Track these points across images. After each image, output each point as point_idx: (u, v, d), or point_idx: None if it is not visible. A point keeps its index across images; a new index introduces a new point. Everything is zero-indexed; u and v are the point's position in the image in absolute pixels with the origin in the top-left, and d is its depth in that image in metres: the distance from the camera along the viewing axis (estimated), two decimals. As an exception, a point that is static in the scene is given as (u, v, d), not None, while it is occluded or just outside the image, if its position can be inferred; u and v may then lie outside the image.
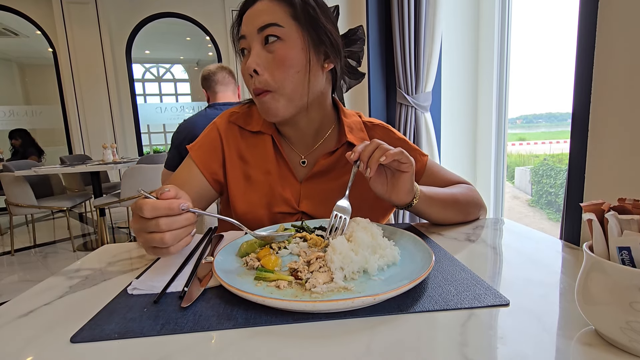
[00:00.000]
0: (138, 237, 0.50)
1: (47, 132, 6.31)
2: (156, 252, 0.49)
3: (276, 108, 0.68)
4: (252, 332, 0.37)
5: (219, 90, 1.81)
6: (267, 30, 0.65)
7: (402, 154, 0.58)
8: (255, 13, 0.66)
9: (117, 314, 0.42)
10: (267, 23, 0.65)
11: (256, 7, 0.67)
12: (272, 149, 0.77)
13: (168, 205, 0.46)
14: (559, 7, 1.75)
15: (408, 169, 0.61)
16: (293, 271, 0.48)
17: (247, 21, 0.67)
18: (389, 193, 0.64)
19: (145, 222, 0.47)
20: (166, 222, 0.46)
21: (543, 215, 2.38)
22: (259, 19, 0.65)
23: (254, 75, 0.66)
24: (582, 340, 0.34)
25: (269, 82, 0.66)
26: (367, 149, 0.59)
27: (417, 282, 0.42)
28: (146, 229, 0.47)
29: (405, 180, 0.62)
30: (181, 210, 0.47)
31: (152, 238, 0.47)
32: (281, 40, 0.65)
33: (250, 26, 0.66)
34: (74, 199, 3.45)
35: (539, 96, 2.06)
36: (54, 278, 0.54)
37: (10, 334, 0.39)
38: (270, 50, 0.66)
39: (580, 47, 0.68)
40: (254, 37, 0.66)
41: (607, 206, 0.33)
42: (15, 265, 3.12)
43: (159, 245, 0.47)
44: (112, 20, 5.00)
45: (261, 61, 0.65)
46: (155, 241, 0.47)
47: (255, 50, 0.66)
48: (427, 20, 1.83)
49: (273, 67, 0.66)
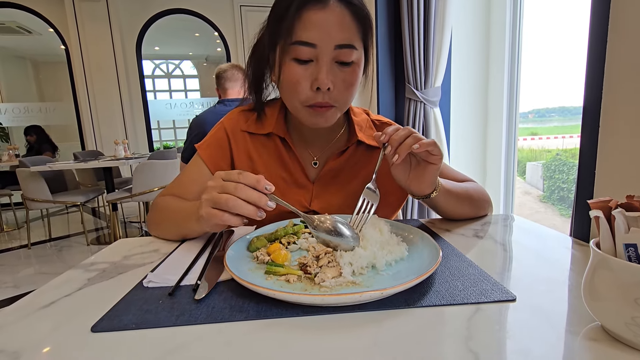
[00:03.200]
0: (206, 191, 0.52)
1: (61, 128, 6.44)
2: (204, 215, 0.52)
3: (331, 121, 0.69)
4: (263, 324, 0.38)
5: (228, 87, 1.88)
6: (344, 52, 0.62)
7: (434, 145, 0.58)
8: (331, 22, 0.60)
9: (134, 305, 0.43)
10: (347, 43, 0.61)
11: (331, 11, 0.60)
12: (283, 150, 0.77)
13: (255, 177, 0.50)
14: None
15: (437, 161, 0.60)
16: (302, 266, 0.49)
17: (319, 28, 0.60)
18: (409, 181, 0.64)
19: (223, 182, 0.50)
20: (240, 187, 0.49)
21: (555, 212, 2.35)
22: (336, 34, 0.60)
23: (323, 91, 0.63)
24: (588, 336, 0.34)
25: (338, 99, 0.65)
26: (398, 134, 0.58)
27: (424, 277, 0.43)
28: (220, 187, 0.50)
29: (431, 171, 0.62)
30: (265, 189, 0.50)
31: (218, 198, 0.50)
32: (354, 64, 0.64)
33: (327, 38, 0.60)
34: (87, 194, 3.53)
35: (552, 89, 2.03)
36: (72, 271, 0.56)
37: (34, 324, 0.41)
38: (342, 69, 0.64)
39: (591, 41, 0.67)
40: (327, 52, 0.61)
41: (615, 203, 0.33)
42: (32, 258, 3.21)
43: (218, 204, 0.50)
44: (122, 17, 5.05)
45: (334, 79, 0.63)
46: (217, 201, 0.50)
47: (328, 66, 0.62)
48: (437, 13, 1.81)
49: (342, 87, 0.64)
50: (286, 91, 0.67)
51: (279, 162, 0.77)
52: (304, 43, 0.60)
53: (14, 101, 6.29)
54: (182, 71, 8.38)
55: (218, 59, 7.44)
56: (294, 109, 0.69)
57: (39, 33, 5.74)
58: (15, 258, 3.23)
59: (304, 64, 0.62)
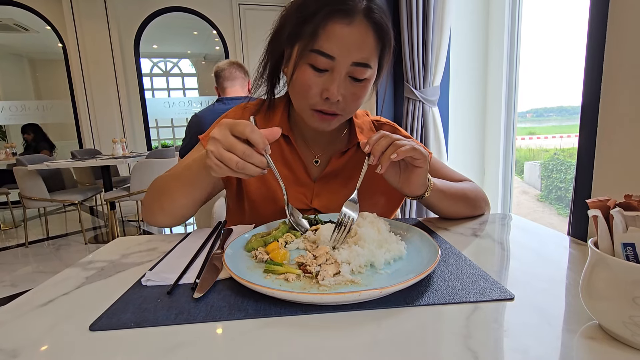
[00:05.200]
0: (211, 143, 0.52)
1: (58, 126, 6.40)
2: (213, 165, 0.53)
3: (334, 126, 0.70)
4: (263, 323, 0.38)
5: (227, 86, 1.88)
6: (359, 70, 0.63)
7: (414, 151, 0.59)
8: (353, 40, 0.61)
9: (133, 303, 0.43)
10: (364, 62, 0.62)
11: (356, 28, 0.61)
12: (286, 147, 0.78)
13: (262, 139, 0.51)
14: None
15: (422, 164, 0.61)
16: (301, 265, 0.49)
17: (341, 43, 0.60)
18: (401, 184, 0.66)
19: (231, 139, 0.51)
20: (248, 152, 0.51)
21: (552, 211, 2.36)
22: (355, 52, 0.61)
23: (332, 101, 0.64)
24: (585, 335, 0.35)
25: (344, 109, 0.67)
26: (380, 143, 0.59)
27: (423, 275, 0.43)
28: (227, 144, 0.51)
29: (418, 174, 0.63)
30: (264, 152, 0.52)
31: (223, 154, 0.51)
32: (366, 80, 0.65)
33: (346, 54, 0.61)
34: (85, 192, 3.52)
35: (550, 89, 2.03)
36: (70, 269, 0.56)
37: (32, 322, 0.41)
38: (353, 84, 0.65)
39: (590, 40, 0.67)
40: (343, 67, 0.62)
41: (613, 202, 0.33)
42: (30, 257, 3.20)
43: (225, 162, 0.51)
44: (120, 15, 5.02)
45: (343, 92, 0.65)
46: (224, 158, 0.51)
47: (341, 80, 0.63)
48: (436, 12, 1.81)
49: (351, 99, 0.66)
50: (296, 92, 0.67)
51: (281, 160, 0.78)
52: (323, 54, 0.61)
53: (11, 99, 6.25)
54: (181, 69, 8.35)
55: (216, 58, 7.41)
56: (300, 110, 0.70)
57: (36, 31, 5.70)
58: (13, 257, 3.21)
59: (319, 72, 0.63)
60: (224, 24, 5.22)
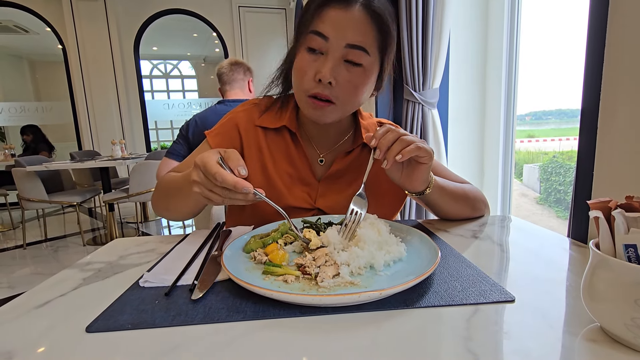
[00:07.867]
0: (194, 185, 0.56)
1: (57, 128, 6.40)
2: (204, 200, 0.57)
3: (330, 117, 0.69)
4: (261, 325, 0.38)
5: (227, 89, 1.92)
6: (355, 53, 0.63)
7: (419, 150, 0.59)
8: (349, 23, 0.62)
9: (130, 305, 0.43)
10: (358, 45, 0.62)
11: (352, 13, 0.62)
12: (292, 145, 0.78)
13: (234, 183, 0.52)
14: (569, 0, 1.73)
15: (427, 160, 0.62)
16: (300, 266, 0.49)
17: (336, 24, 0.62)
18: (403, 179, 0.66)
19: (209, 184, 0.54)
20: (228, 194, 0.54)
21: (551, 213, 2.35)
22: (351, 34, 0.62)
23: (324, 83, 0.64)
24: (587, 337, 0.34)
25: (338, 97, 0.66)
26: (387, 138, 0.59)
27: (423, 277, 0.43)
28: (208, 187, 0.54)
29: (421, 170, 0.63)
30: (243, 192, 0.53)
31: (209, 195, 0.55)
32: (362, 68, 0.65)
33: (340, 36, 0.62)
34: (83, 194, 3.51)
35: (549, 92, 2.04)
36: (68, 270, 0.56)
37: (28, 324, 0.40)
38: (349, 69, 0.64)
39: (590, 43, 0.68)
40: (337, 48, 0.63)
41: (614, 204, 0.33)
42: (28, 259, 3.18)
43: (213, 201, 0.56)
44: (120, 17, 5.03)
45: (337, 76, 0.64)
46: (211, 198, 0.55)
47: (334, 62, 0.63)
48: (435, 14, 1.82)
49: (346, 87, 0.65)
50: (294, 78, 0.69)
51: (287, 157, 0.78)
52: (317, 33, 0.63)
53: (10, 100, 6.24)
54: (180, 71, 8.36)
55: (216, 60, 7.43)
56: (298, 98, 0.70)
57: (36, 32, 5.71)
58: (11, 258, 3.20)
59: (313, 54, 0.65)
60: (223, 26, 5.23)
